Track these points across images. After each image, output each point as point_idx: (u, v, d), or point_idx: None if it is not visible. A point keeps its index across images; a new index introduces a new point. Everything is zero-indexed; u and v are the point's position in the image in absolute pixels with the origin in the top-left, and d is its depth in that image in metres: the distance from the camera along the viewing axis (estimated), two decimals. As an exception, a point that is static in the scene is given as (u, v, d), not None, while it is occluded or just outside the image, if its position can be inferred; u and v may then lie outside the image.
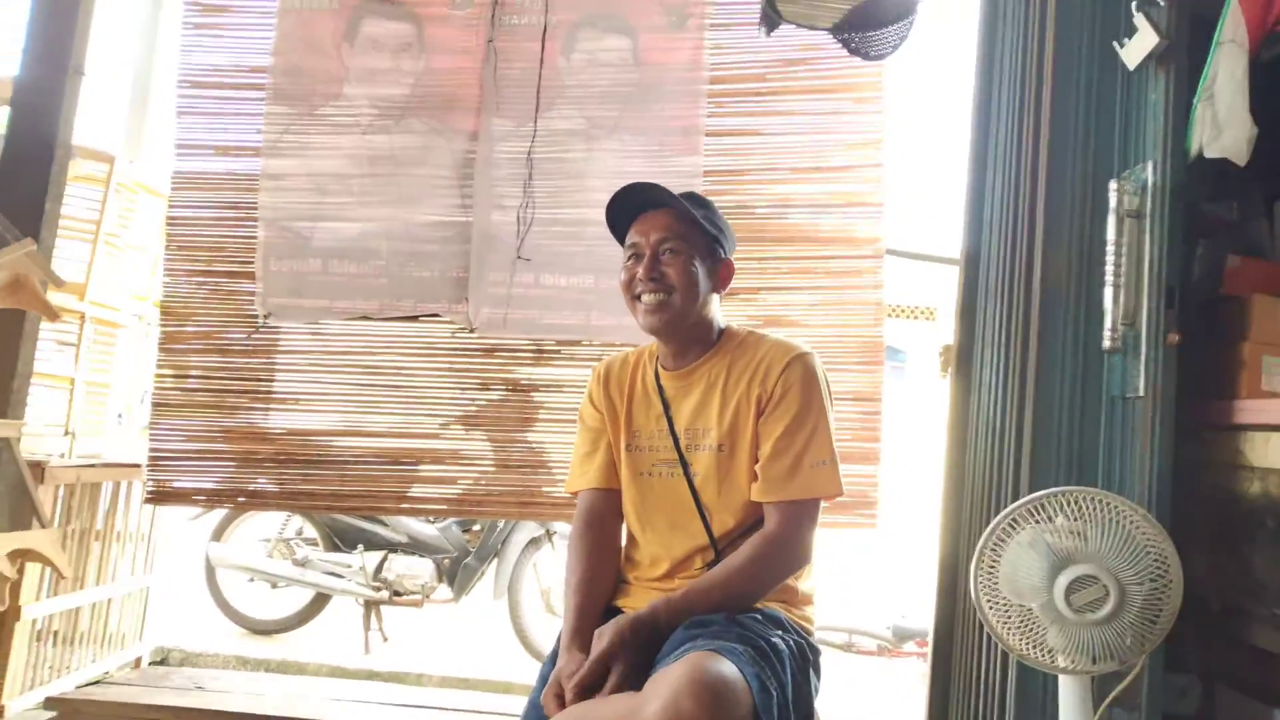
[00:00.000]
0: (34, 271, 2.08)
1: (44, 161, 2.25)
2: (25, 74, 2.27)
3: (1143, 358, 1.72)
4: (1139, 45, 1.83)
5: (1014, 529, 1.49)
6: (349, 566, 4.31)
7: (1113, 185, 1.83)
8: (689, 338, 1.69)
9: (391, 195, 3.32)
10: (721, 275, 1.73)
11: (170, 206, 3.29)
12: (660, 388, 1.72)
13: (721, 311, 1.80)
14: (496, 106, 3.30)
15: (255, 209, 3.30)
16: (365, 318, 3.30)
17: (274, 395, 3.30)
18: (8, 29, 2.63)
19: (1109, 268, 1.79)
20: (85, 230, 2.93)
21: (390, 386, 3.28)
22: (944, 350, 2.28)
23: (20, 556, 1.94)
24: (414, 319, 3.30)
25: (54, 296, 2.89)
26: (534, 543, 4.40)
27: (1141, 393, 1.71)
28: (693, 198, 1.74)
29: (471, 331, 3.26)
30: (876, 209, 3.27)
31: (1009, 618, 1.47)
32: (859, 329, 3.22)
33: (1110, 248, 1.80)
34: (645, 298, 1.64)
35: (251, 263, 3.29)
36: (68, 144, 2.31)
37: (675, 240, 1.65)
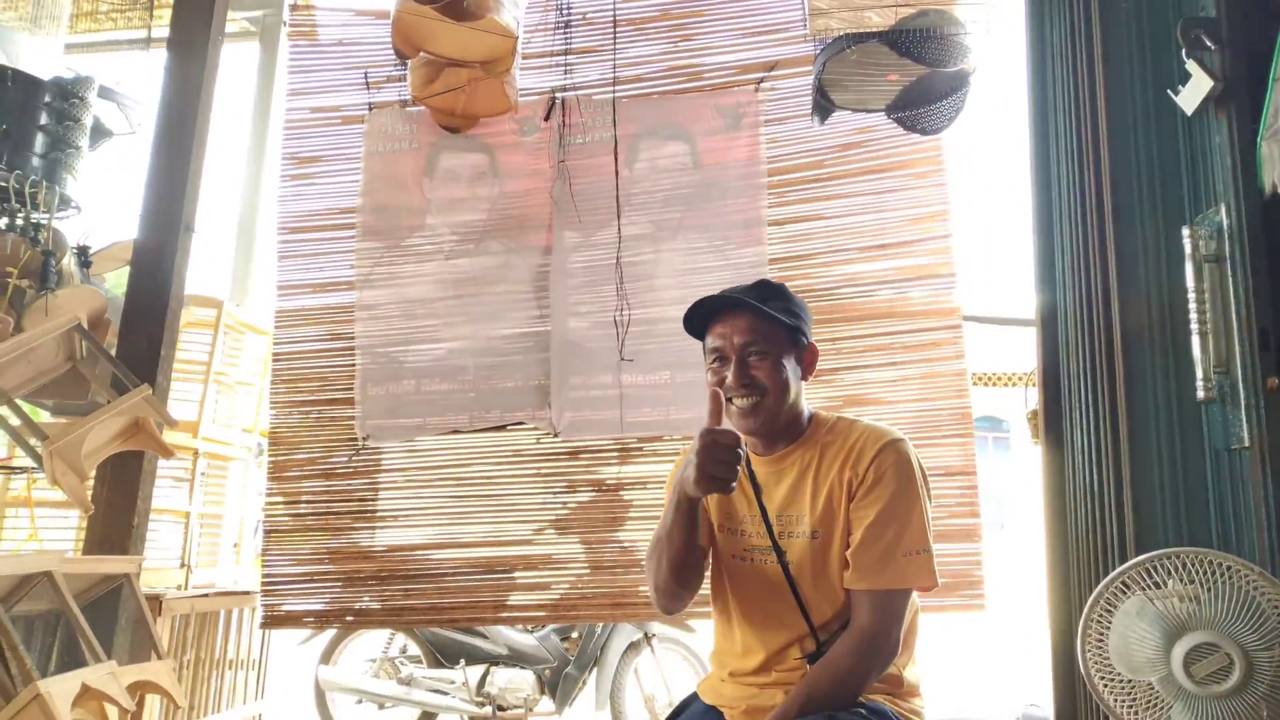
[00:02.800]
0: (151, 415, 2.26)
1: (159, 313, 2.47)
2: (143, 235, 2.53)
3: (1243, 406, 1.62)
4: (1194, 90, 1.81)
5: (1120, 597, 1.40)
6: (452, 682, 4.31)
7: (1185, 231, 1.78)
8: (780, 429, 1.68)
9: (474, 313, 3.47)
10: (807, 362, 1.72)
11: (275, 343, 3.53)
12: (751, 473, 1.70)
13: (804, 395, 1.77)
14: (566, 221, 3.46)
15: (353, 339, 3.49)
16: (456, 431, 3.42)
17: (375, 514, 3.41)
18: (131, 197, 2.95)
19: (1193, 315, 1.72)
20: (197, 371, 3.17)
21: (482, 496, 3.36)
22: (1031, 416, 2.20)
23: (139, 688, 2.03)
24: (501, 429, 3.40)
25: (169, 435, 3.11)
26: (633, 647, 4.32)
27: (1247, 443, 1.61)
28: (766, 287, 1.74)
29: (555, 436, 3.33)
30: (949, 279, 3.24)
31: (1128, 696, 1.37)
32: (944, 401, 3.14)
33: (1191, 294, 1.73)
34: (738, 402, 1.63)
35: (351, 389, 3.46)
36: (180, 295, 2.54)
37: (761, 342, 1.64)
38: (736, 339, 1.64)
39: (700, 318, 1.72)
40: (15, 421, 2.12)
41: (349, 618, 3.39)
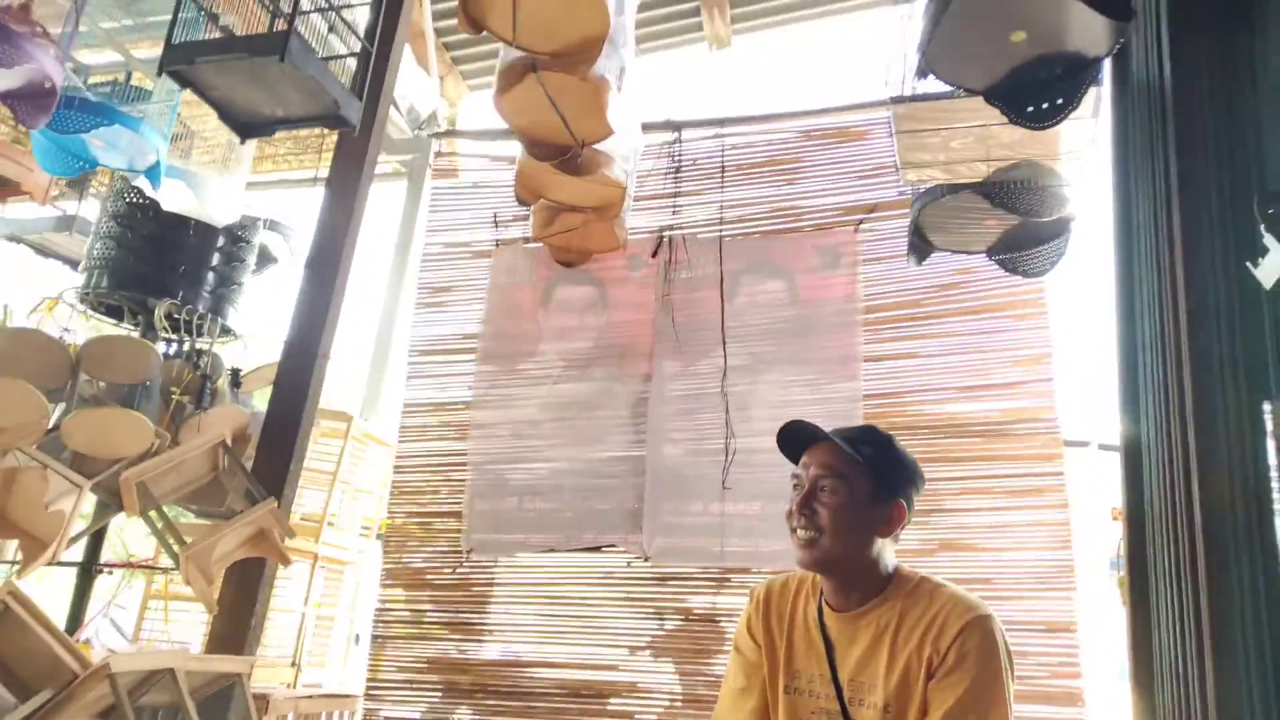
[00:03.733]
0: (274, 526, 2.52)
1: (292, 432, 2.77)
2: (285, 360, 2.87)
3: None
4: (1273, 265, 1.79)
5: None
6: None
7: (1268, 407, 1.72)
8: (848, 580, 1.59)
9: (576, 436, 3.66)
10: (891, 517, 1.59)
11: (397, 456, 3.82)
12: (824, 626, 1.60)
13: (893, 552, 1.65)
14: (667, 350, 3.63)
15: (465, 455, 3.73)
16: (552, 550, 3.55)
17: (474, 626, 3.55)
18: (278, 324, 3.34)
19: (1277, 494, 1.64)
20: (324, 477, 3.48)
21: (573, 617, 3.45)
22: (1120, 582, 2.11)
23: (241, 783, 2.21)
24: (595, 550, 3.51)
25: (291, 541, 3.40)
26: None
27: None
28: (865, 434, 1.65)
29: (646, 560, 3.41)
30: (1051, 424, 3.16)
31: None
32: (1047, 551, 3.02)
33: (1275, 474, 1.66)
34: (798, 533, 1.58)
35: (460, 503, 3.68)
36: (313, 416, 2.84)
37: (833, 479, 1.57)
38: (813, 469, 1.60)
39: (796, 446, 1.69)
40: (159, 525, 2.41)
41: (443, 730, 3.49)
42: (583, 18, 2.53)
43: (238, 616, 2.56)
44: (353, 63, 2.87)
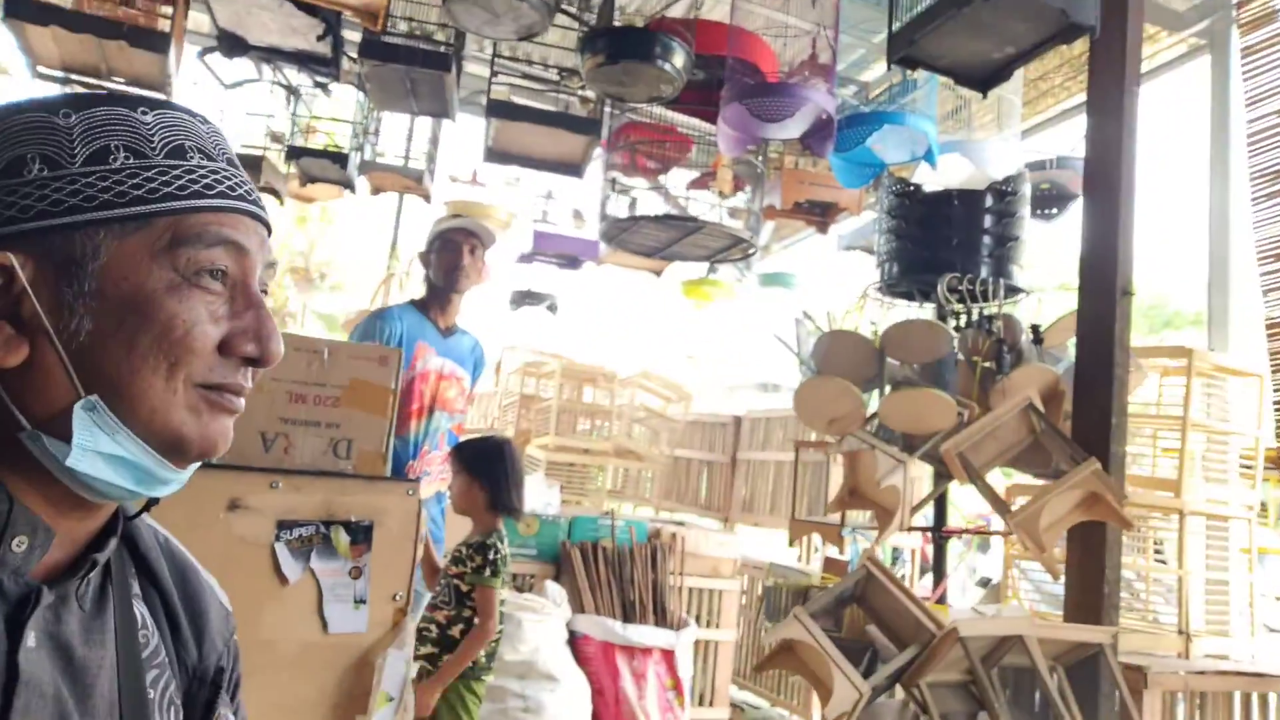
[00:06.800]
0: (1102, 489, 2.29)
1: (1105, 382, 2.48)
2: (1081, 303, 2.61)
3: None
4: None
5: None
6: None
7: None
8: None
9: None
10: None
11: (1276, 391, 3.09)
12: None
13: None
14: None
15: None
16: None
17: None
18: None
19: None
20: (1174, 423, 3.02)
21: None
22: None
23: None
24: None
25: (1153, 493, 3.04)
26: None
27: None
28: None
29: None
30: None
31: None
32: None
33: None
34: None
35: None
36: (1125, 363, 2.49)
37: None
38: None
39: None
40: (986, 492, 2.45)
41: None
42: None
43: (1087, 584, 2.41)
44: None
